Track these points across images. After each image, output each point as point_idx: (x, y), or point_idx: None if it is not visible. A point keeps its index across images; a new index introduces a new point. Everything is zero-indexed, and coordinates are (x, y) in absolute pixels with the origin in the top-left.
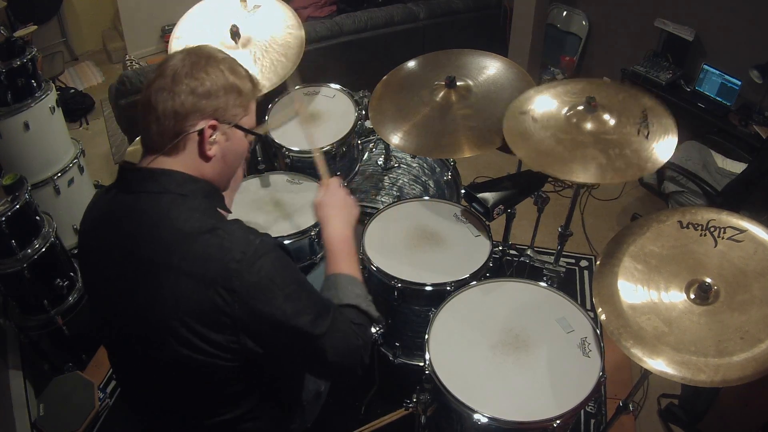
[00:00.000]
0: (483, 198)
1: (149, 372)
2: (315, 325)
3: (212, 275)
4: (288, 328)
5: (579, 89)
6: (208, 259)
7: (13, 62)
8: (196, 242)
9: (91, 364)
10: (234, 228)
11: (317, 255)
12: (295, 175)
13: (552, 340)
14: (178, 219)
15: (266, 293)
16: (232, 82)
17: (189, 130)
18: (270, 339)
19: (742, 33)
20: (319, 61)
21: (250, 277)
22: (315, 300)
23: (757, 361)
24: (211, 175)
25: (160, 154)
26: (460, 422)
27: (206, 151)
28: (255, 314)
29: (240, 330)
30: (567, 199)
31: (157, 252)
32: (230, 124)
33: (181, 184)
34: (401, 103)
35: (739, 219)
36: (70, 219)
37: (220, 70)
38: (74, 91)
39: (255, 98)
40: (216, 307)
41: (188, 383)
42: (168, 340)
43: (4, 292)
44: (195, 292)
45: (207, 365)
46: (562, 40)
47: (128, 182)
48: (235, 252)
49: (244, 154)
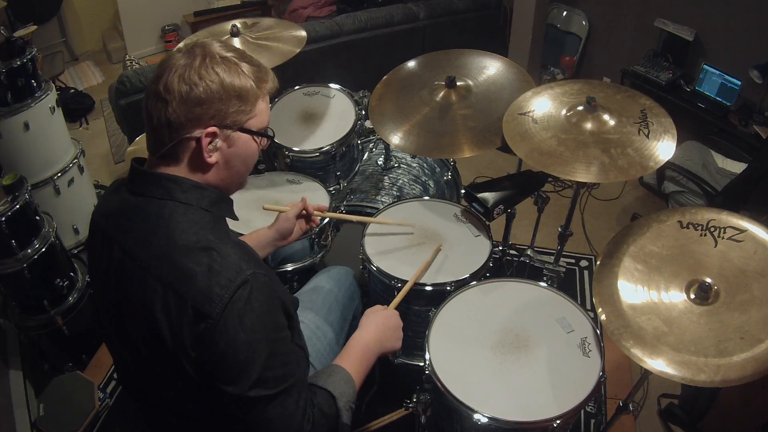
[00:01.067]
0: (483, 198)
1: (139, 364)
2: (260, 383)
3: (192, 294)
4: (230, 373)
5: (577, 90)
6: (194, 278)
7: (13, 62)
8: (187, 258)
9: (91, 364)
10: (230, 252)
11: (317, 255)
12: (295, 175)
13: (552, 340)
14: (176, 230)
15: (232, 331)
16: (229, 85)
17: (185, 138)
18: (209, 374)
19: (742, 33)
20: (319, 61)
21: (227, 308)
22: (278, 362)
23: (757, 361)
24: (216, 182)
25: (161, 160)
26: (460, 422)
27: (206, 158)
28: (211, 343)
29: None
30: (567, 199)
31: (150, 259)
32: (233, 129)
33: (186, 191)
34: (401, 103)
35: (739, 219)
36: (70, 219)
37: (215, 72)
38: (74, 91)
39: (264, 97)
40: (184, 323)
41: (174, 381)
42: (141, 330)
43: (4, 292)
44: (175, 307)
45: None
46: (562, 40)
47: (137, 183)
48: (222, 278)
49: (253, 158)
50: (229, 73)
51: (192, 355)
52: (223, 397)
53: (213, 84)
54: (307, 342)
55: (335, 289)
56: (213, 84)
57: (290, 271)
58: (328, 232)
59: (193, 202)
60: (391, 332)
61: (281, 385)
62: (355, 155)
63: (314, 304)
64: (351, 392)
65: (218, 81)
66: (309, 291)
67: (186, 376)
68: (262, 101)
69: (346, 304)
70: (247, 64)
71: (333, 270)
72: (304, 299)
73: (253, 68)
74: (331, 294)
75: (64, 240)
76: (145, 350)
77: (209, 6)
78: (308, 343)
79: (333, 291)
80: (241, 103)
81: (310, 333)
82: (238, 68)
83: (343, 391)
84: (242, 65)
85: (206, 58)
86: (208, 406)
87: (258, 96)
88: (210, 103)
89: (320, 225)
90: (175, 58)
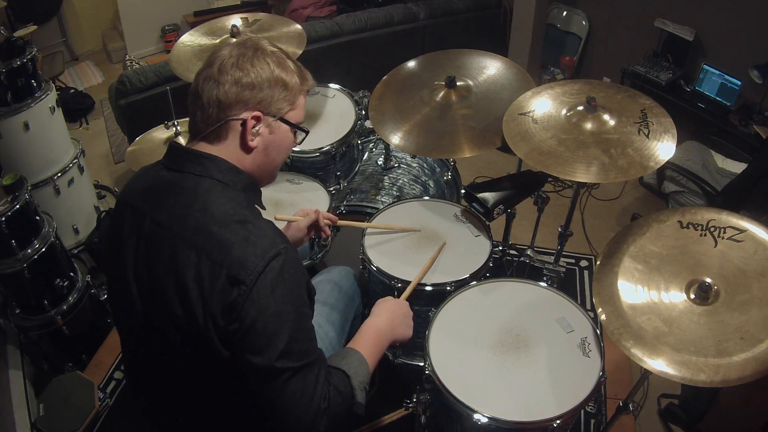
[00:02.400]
0: (483, 198)
1: (162, 345)
2: (286, 354)
3: (228, 262)
4: (258, 343)
5: (577, 90)
6: (230, 247)
7: (13, 62)
8: (223, 228)
9: (91, 364)
10: (265, 226)
11: (317, 255)
12: (296, 175)
13: (552, 340)
14: (213, 203)
15: (264, 299)
16: (278, 76)
17: (232, 119)
18: (238, 344)
19: (742, 33)
20: (319, 61)
21: (261, 277)
22: (304, 336)
23: (757, 361)
24: (251, 167)
25: (203, 140)
26: (460, 422)
27: (248, 141)
28: (242, 311)
29: (219, 320)
30: (567, 199)
31: (185, 230)
32: (275, 117)
33: (224, 171)
34: (401, 103)
35: (739, 219)
36: (70, 219)
37: (266, 62)
38: (74, 91)
39: (303, 94)
40: (216, 290)
41: (197, 360)
42: (170, 302)
43: (4, 292)
44: (210, 275)
45: (202, 341)
46: (562, 40)
47: (175, 160)
48: (258, 248)
49: (288, 150)
50: (278, 65)
51: (221, 325)
52: (248, 369)
53: (264, 72)
54: None
55: (335, 289)
56: (264, 72)
57: None
58: None
59: (229, 182)
60: (401, 319)
61: (305, 359)
62: (355, 155)
63: (315, 304)
64: (365, 373)
65: (269, 70)
66: None
67: (211, 352)
68: (302, 97)
69: (347, 304)
70: (290, 61)
71: (333, 270)
72: None
73: (297, 66)
74: (332, 294)
75: (64, 240)
76: (172, 326)
77: (209, 6)
78: None
79: (334, 291)
80: (285, 94)
81: None
82: (286, 62)
83: (358, 372)
84: (288, 61)
85: (258, 51)
86: (229, 386)
87: (300, 91)
88: (260, 89)
89: (331, 236)
90: (225, 50)
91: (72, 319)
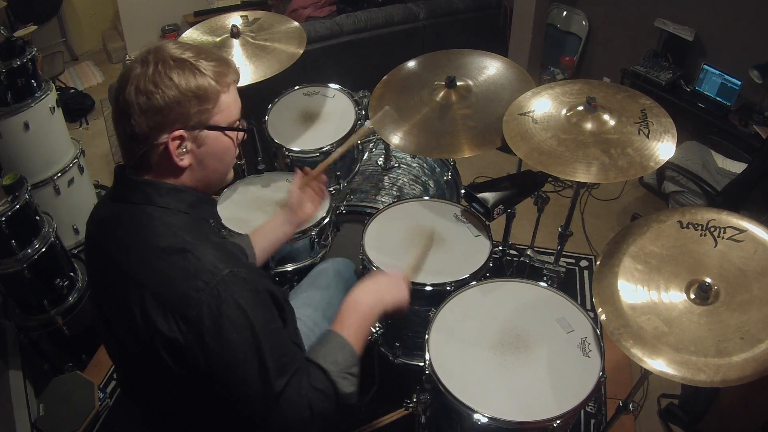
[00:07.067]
0: (483, 198)
1: (134, 370)
2: (265, 382)
3: (172, 300)
4: (234, 376)
5: (577, 90)
6: (171, 282)
7: (13, 62)
8: (163, 262)
9: (91, 364)
10: (206, 252)
11: (317, 255)
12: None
13: (552, 340)
14: (153, 234)
15: (221, 331)
16: (187, 88)
17: (153, 145)
18: (215, 381)
19: (742, 33)
20: (319, 61)
21: (208, 310)
22: (277, 352)
23: (757, 361)
24: (193, 183)
25: (135, 168)
26: (460, 422)
27: (178, 162)
28: (205, 350)
29: (189, 360)
30: (567, 199)
31: (131, 266)
32: (199, 129)
33: (163, 195)
34: (401, 103)
35: (739, 219)
36: (70, 219)
37: (170, 77)
38: (74, 91)
39: (227, 88)
40: (171, 331)
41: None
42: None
43: (4, 292)
44: (157, 313)
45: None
46: (562, 40)
47: (119, 190)
48: (198, 280)
49: (228, 153)
50: (184, 75)
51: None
52: (226, 403)
53: (169, 90)
54: (305, 339)
55: (334, 284)
56: (169, 90)
57: (290, 271)
58: (328, 232)
59: (170, 205)
60: (388, 285)
61: (285, 375)
62: (355, 155)
63: (312, 300)
64: (347, 357)
65: (173, 86)
66: (308, 286)
67: (180, 382)
68: (226, 96)
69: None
70: (204, 61)
71: (333, 262)
72: (302, 295)
73: (212, 64)
74: (329, 289)
75: (64, 240)
76: (136, 363)
77: (209, 6)
78: (306, 340)
79: (332, 286)
80: (201, 103)
81: (307, 330)
82: (194, 68)
83: (336, 359)
84: (199, 63)
85: (158, 64)
86: (210, 408)
87: (219, 92)
88: (169, 109)
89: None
90: (131, 68)
91: (72, 319)
